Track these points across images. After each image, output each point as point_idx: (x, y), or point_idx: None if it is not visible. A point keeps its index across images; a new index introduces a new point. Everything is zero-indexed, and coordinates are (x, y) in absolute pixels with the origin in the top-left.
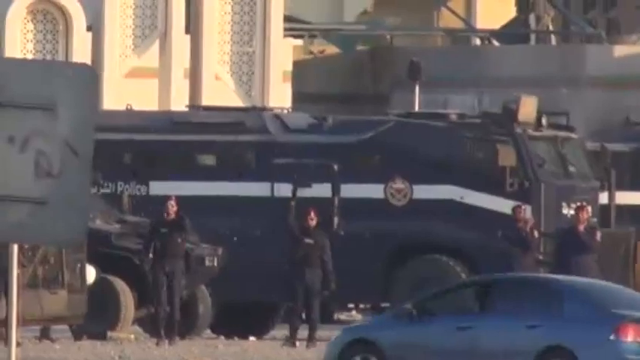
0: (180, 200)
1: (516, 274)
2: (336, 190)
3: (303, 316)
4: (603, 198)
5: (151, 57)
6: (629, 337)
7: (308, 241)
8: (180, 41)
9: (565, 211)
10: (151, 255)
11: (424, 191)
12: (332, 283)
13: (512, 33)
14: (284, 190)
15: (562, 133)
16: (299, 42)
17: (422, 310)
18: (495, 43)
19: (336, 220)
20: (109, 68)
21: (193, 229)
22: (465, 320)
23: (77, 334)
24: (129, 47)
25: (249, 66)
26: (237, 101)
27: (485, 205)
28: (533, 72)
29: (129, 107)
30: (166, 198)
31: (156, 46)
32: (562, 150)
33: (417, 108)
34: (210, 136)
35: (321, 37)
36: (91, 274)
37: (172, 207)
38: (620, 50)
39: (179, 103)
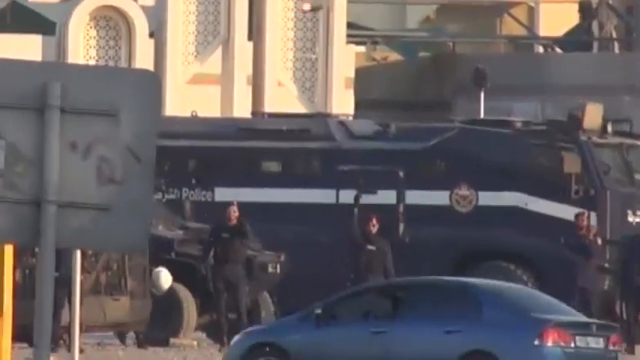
0: (245, 207)
1: (430, 278)
2: (401, 197)
3: None
4: None
5: (214, 63)
6: (553, 341)
7: (370, 247)
8: (243, 48)
9: (630, 218)
10: (211, 260)
11: (489, 198)
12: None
13: (575, 40)
14: (349, 196)
15: (627, 141)
16: (361, 49)
17: (331, 313)
18: (558, 50)
19: (401, 226)
20: (171, 74)
21: (255, 236)
22: (378, 325)
23: (141, 342)
24: (191, 54)
25: (311, 72)
26: (299, 108)
27: (550, 212)
28: (595, 79)
29: (194, 114)
30: (229, 204)
31: (218, 53)
32: (627, 157)
33: (482, 115)
34: (276, 142)
35: (383, 44)
36: (166, 279)
37: (234, 212)
38: None
39: (241, 109)
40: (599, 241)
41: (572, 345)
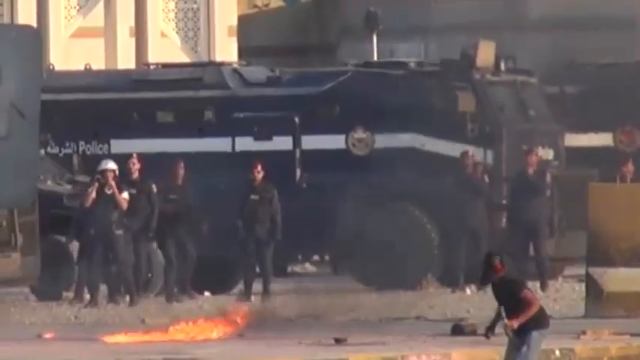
0: (141, 158)
1: None
2: (297, 143)
3: (257, 269)
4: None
5: (97, 17)
6: None
7: (253, 197)
8: (125, 0)
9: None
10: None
11: (386, 140)
12: (278, 234)
13: None
14: (245, 144)
15: (521, 77)
16: None
17: None
18: None
19: (298, 172)
20: (54, 29)
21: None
22: None
23: (40, 295)
24: (74, 7)
25: (194, 22)
26: (183, 58)
27: (446, 152)
28: (476, 17)
29: (88, 67)
30: (127, 156)
31: (101, 6)
32: (521, 94)
33: (375, 57)
34: (170, 92)
35: None
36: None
37: (134, 165)
38: None
39: (126, 62)
40: (487, 178)
41: None
